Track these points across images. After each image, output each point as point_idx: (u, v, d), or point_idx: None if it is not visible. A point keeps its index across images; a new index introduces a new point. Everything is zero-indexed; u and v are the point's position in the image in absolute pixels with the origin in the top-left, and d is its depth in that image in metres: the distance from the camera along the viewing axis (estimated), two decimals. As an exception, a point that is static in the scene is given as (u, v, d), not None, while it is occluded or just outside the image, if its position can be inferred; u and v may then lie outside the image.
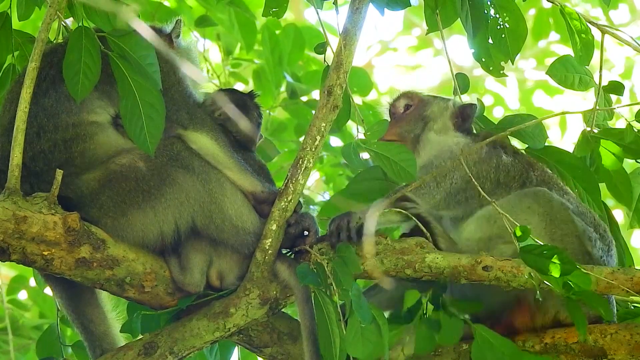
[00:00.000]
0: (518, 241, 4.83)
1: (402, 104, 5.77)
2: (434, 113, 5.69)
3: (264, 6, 5.63)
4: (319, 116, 5.02)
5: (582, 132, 5.64)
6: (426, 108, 5.71)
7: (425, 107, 5.71)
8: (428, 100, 5.77)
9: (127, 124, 4.95)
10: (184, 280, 5.09)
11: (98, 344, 5.27)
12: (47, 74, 5.08)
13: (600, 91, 5.64)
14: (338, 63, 5.04)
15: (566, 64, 5.65)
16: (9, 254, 4.91)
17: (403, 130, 5.66)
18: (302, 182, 5.03)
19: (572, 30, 5.61)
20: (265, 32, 8.32)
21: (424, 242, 5.08)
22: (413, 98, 5.79)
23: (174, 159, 5.06)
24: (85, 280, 5.03)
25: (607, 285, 4.94)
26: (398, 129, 5.66)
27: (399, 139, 5.58)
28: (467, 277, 5.00)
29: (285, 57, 8.34)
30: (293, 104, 8.42)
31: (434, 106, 5.71)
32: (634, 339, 5.10)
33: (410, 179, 5.20)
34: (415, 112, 5.72)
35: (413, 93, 5.81)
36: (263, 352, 5.25)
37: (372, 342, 4.80)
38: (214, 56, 9.12)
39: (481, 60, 5.85)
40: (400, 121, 5.71)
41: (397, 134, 5.64)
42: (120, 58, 4.98)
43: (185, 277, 5.09)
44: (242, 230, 5.09)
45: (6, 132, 5.03)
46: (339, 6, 5.41)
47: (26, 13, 5.55)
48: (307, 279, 4.88)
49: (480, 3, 5.56)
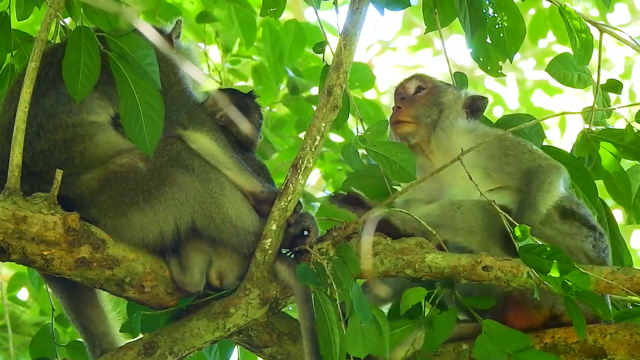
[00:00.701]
0: (517, 241, 4.83)
1: (414, 85, 5.68)
2: (450, 101, 5.61)
3: (261, 6, 5.63)
4: (319, 116, 5.02)
5: (582, 132, 5.65)
6: (442, 95, 5.63)
7: (441, 94, 5.63)
8: (442, 86, 5.69)
9: (126, 124, 4.95)
10: (184, 280, 5.09)
11: (98, 344, 5.27)
12: (47, 74, 5.08)
13: (598, 89, 5.65)
14: (338, 63, 5.04)
15: (565, 61, 5.66)
16: (9, 254, 4.91)
17: (419, 113, 5.56)
18: (302, 182, 5.04)
19: (572, 29, 5.61)
20: (266, 28, 8.31)
21: (424, 242, 5.08)
22: (427, 82, 5.70)
23: (174, 159, 5.06)
24: (85, 280, 5.03)
25: (606, 285, 4.94)
26: (413, 111, 5.57)
27: (413, 122, 5.53)
28: (467, 277, 5.00)
29: (286, 53, 8.34)
30: (293, 100, 8.42)
31: (449, 94, 5.64)
32: (633, 339, 5.10)
33: (409, 179, 5.20)
34: (430, 97, 5.63)
35: (426, 76, 5.73)
36: (263, 352, 5.25)
37: (372, 342, 4.80)
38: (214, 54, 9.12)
39: (479, 59, 5.85)
40: (413, 103, 5.61)
41: (412, 116, 5.56)
42: (120, 58, 4.98)
43: (185, 276, 5.09)
44: (242, 230, 5.08)
45: (6, 132, 5.03)
46: (339, 6, 5.42)
47: (25, 13, 5.55)
48: (307, 279, 4.87)
49: (479, 2, 5.56)
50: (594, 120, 5.64)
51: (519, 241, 4.81)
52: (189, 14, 8.54)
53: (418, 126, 5.54)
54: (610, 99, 5.76)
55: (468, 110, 5.62)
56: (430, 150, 5.57)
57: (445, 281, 5.03)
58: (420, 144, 5.56)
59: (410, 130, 5.53)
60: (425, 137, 5.56)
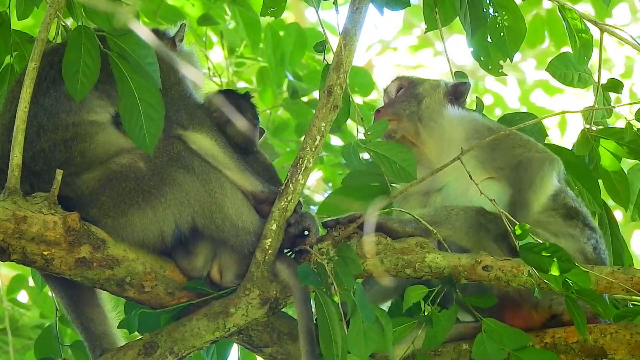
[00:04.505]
0: (517, 239, 4.83)
1: (395, 87, 5.85)
2: (426, 90, 5.75)
3: (262, 6, 5.63)
4: (319, 116, 5.02)
5: (582, 131, 5.65)
6: (417, 87, 5.78)
7: (417, 86, 5.78)
8: (419, 80, 5.84)
9: (126, 124, 4.95)
10: (188, 266, 5.11)
11: (98, 343, 5.27)
12: (47, 74, 5.08)
13: (599, 89, 5.64)
14: (338, 63, 5.04)
15: (566, 61, 5.67)
16: (9, 253, 4.91)
17: (396, 109, 5.71)
18: (302, 182, 5.03)
19: (572, 29, 5.60)
20: (268, 31, 8.33)
21: (424, 242, 5.08)
22: (404, 80, 5.86)
23: (174, 159, 5.06)
24: (85, 280, 5.03)
25: (607, 285, 4.94)
26: (392, 109, 5.72)
27: (393, 118, 5.62)
28: (467, 277, 4.99)
29: (287, 57, 8.35)
30: (294, 104, 8.42)
31: (425, 84, 5.79)
32: (633, 339, 5.10)
33: (409, 178, 5.20)
34: (407, 92, 5.78)
35: (405, 76, 5.89)
36: (263, 352, 5.24)
37: (375, 342, 4.80)
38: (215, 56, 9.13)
39: (480, 59, 5.86)
40: (393, 102, 5.77)
41: (390, 113, 5.69)
42: (120, 57, 4.97)
43: (189, 262, 5.10)
44: (242, 230, 5.08)
45: (6, 132, 5.03)
46: (339, 6, 5.42)
47: (25, 13, 5.55)
48: (308, 279, 4.87)
49: (479, 2, 5.57)
50: (594, 120, 5.64)
51: (519, 240, 4.81)
52: (191, 18, 8.54)
53: (399, 121, 5.66)
54: (611, 100, 5.75)
55: (452, 97, 5.72)
56: (421, 141, 5.66)
57: (446, 280, 5.03)
58: (407, 137, 5.67)
59: (391, 127, 5.60)
60: (411, 130, 5.67)
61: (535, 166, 5.32)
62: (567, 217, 5.33)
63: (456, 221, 5.14)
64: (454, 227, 5.13)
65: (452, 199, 5.41)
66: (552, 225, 5.30)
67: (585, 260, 5.22)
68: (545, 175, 5.32)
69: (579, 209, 5.37)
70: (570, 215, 5.33)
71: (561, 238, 5.24)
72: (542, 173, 5.31)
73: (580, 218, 5.34)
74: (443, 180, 5.47)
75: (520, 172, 5.32)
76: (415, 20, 13.64)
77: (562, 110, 5.45)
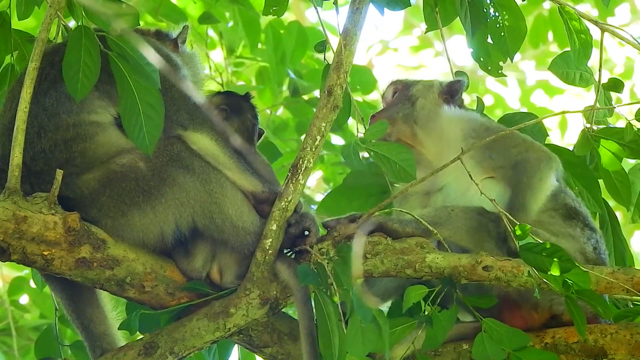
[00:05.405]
0: (517, 239, 4.83)
1: (391, 92, 5.88)
2: (420, 91, 5.77)
3: (264, 5, 5.63)
4: (320, 116, 5.02)
5: (582, 131, 5.64)
6: (411, 88, 5.80)
7: (410, 88, 5.81)
8: (412, 82, 5.87)
9: (126, 124, 4.95)
10: (187, 267, 5.11)
11: (98, 344, 5.27)
12: (47, 74, 5.08)
13: (599, 88, 5.64)
14: (338, 63, 5.04)
15: (568, 60, 5.67)
16: (9, 254, 4.91)
17: (390, 112, 5.73)
18: (302, 182, 5.03)
19: (571, 30, 5.60)
20: (269, 30, 8.32)
21: (424, 242, 5.08)
22: (398, 84, 5.88)
23: (175, 159, 5.06)
24: (85, 280, 5.03)
25: (607, 285, 4.94)
26: (386, 112, 5.74)
27: (388, 120, 5.60)
28: (467, 277, 4.99)
29: (288, 56, 8.34)
30: (295, 103, 8.42)
31: (419, 85, 5.81)
32: (634, 339, 5.09)
33: (409, 179, 5.20)
34: (401, 94, 5.81)
35: (398, 80, 5.92)
36: (263, 352, 5.24)
37: (372, 342, 4.80)
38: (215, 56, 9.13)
39: (480, 59, 5.86)
40: (388, 107, 5.80)
41: (385, 115, 5.70)
42: (120, 57, 4.97)
43: (188, 262, 5.10)
44: (242, 230, 5.08)
45: (7, 132, 5.03)
46: (340, 6, 5.42)
47: (25, 13, 5.55)
48: (308, 279, 4.87)
49: (480, 1, 5.56)
50: (595, 119, 5.64)
51: (519, 240, 4.81)
52: (192, 18, 8.54)
53: (393, 124, 5.65)
54: (611, 98, 5.75)
55: (447, 96, 5.72)
56: (418, 142, 5.67)
57: (446, 280, 5.03)
58: (403, 139, 5.67)
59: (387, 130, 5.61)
60: (406, 132, 5.69)
61: (533, 166, 5.32)
62: (567, 217, 5.33)
63: (456, 221, 5.15)
64: (454, 228, 5.13)
65: (453, 199, 5.42)
66: (552, 225, 5.30)
67: (586, 260, 5.22)
68: (543, 176, 5.32)
69: (579, 209, 5.38)
70: (570, 215, 5.34)
71: (561, 238, 5.24)
72: (539, 173, 5.31)
73: (580, 218, 5.35)
74: (443, 181, 5.48)
75: (518, 172, 5.32)
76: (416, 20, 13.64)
77: (562, 110, 5.44)
